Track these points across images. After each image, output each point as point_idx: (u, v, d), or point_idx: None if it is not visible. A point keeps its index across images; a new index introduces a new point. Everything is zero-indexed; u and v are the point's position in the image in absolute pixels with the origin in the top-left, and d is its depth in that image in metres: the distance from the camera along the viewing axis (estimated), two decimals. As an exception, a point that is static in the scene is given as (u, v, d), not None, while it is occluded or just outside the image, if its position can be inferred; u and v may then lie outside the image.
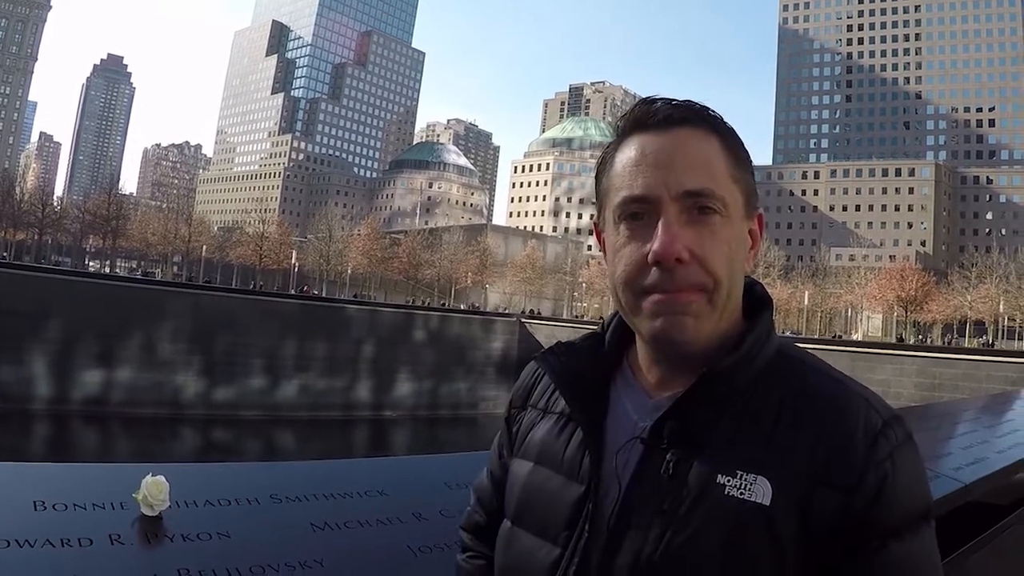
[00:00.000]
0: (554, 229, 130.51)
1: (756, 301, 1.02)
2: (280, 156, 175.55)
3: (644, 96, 1.02)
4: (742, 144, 0.99)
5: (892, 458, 0.87)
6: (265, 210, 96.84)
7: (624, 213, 0.96)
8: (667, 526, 0.88)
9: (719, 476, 0.88)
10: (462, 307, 64.86)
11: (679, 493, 0.89)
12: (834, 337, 61.67)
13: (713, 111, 0.99)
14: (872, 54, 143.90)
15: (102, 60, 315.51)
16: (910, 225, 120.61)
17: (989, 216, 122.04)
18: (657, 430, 0.93)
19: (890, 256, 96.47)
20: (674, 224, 0.92)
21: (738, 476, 0.87)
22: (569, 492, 0.97)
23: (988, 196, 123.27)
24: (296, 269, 75.45)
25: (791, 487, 0.86)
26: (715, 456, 0.90)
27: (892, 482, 0.86)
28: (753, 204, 0.99)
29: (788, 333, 58.98)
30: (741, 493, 0.86)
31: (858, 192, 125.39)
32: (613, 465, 0.95)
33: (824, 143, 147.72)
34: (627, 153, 0.97)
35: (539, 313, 66.35)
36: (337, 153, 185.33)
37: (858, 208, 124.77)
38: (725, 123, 0.99)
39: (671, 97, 0.98)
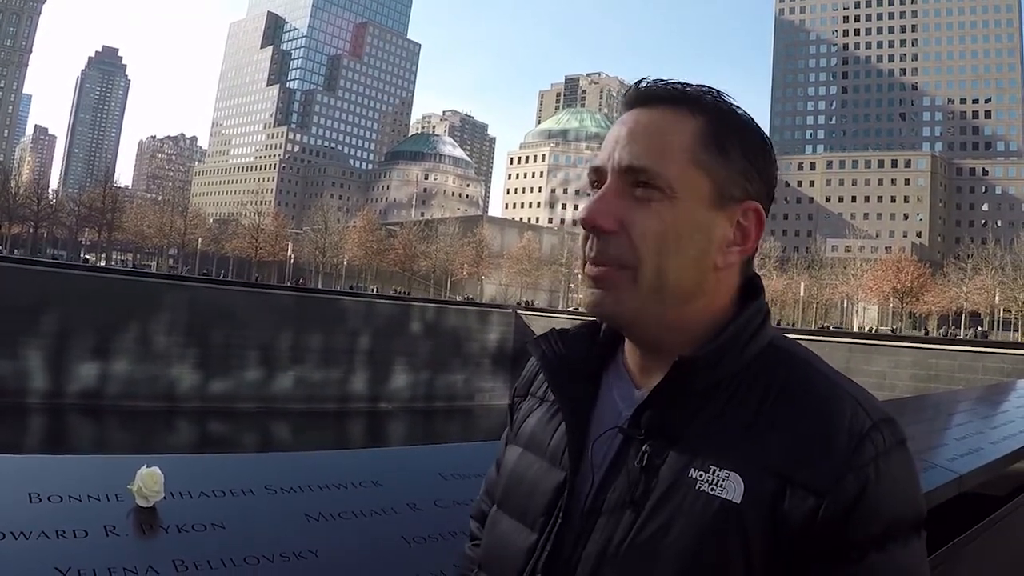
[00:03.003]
0: (550, 220, 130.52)
1: (751, 293, 0.98)
2: (276, 148, 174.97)
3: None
4: (736, 130, 0.94)
5: (876, 463, 0.82)
6: (261, 202, 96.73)
7: (589, 183, 0.98)
8: (636, 517, 0.87)
9: (691, 470, 0.86)
10: (458, 298, 64.83)
11: (649, 485, 0.87)
12: (822, 328, 61.61)
13: (704, 91, 0.95)
14: (868, 45, 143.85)
15: (97, 52, 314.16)
16: (906, 216, 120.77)
17: (985, 207, 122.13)
18: (636, 420, 0.92)
19: (886, 247, 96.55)
20: (608, 194, 0.93)
21: (711, 471, 0.85)
22: (550, 478, 0.96)
23: (984, 188, 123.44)
24: (292, 261, 75.40)
25: (764, 485, 0.83)
26: (690, 449, 0.87)
27: (875, 489, 0.82)
28: (732, 195, 0.93)
29: (784, 325, 59.03)
30: (712, 489, 0.84)
31: (854, 183, 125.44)
32: (591, 454, 0.95)
33: (820, 134, 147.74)
34: (611, 128, 0.99)
35: (535, 304, 66.36)
36: (333, 145, 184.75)
37: (854, 199, 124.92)
38: (717, 106, 0.94)
39: (664, 78, 0.96)
